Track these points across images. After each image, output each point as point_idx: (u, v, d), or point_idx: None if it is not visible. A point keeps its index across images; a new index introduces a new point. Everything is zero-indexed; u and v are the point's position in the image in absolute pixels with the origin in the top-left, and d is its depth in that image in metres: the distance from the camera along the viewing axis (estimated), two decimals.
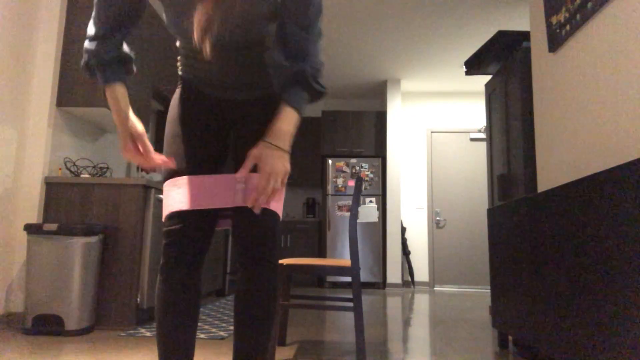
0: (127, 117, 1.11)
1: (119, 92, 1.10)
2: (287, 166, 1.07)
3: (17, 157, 2.79)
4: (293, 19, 1.09)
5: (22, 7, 2.82)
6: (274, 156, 1.05)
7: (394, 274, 5.85)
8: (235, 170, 1.19)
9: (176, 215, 1.12)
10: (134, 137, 1.11)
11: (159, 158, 1.12)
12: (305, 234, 6.06)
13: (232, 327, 2.76)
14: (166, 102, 4.20)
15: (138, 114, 3.36)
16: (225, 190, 1.13)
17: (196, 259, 1.14)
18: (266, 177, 1.03)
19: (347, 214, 5.98)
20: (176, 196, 1.13)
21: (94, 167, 3.07)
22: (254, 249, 1.13)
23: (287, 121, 1.10)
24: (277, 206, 1.17)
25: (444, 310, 3.94)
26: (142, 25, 3.45)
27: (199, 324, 2.89)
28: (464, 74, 4.60)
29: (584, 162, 2.13)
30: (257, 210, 1.04)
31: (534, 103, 2.70)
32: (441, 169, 6.48)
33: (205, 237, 1.15)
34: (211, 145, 1.21)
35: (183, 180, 1.14)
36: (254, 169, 1.14)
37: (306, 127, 6.53)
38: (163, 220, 1.16)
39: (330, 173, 6.08)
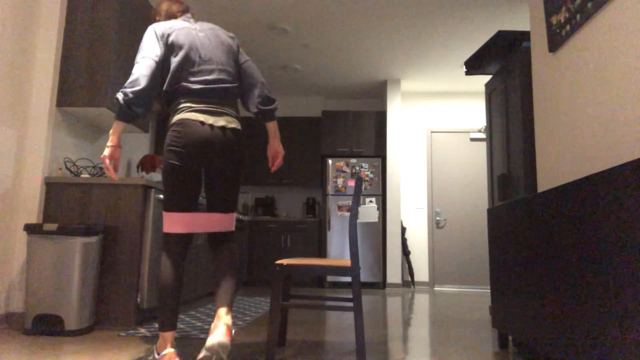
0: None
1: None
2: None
3: (17, 157, 2.79)
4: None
5: (22, 7, 2.82)
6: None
7: (394, 274, 5.85)
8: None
9: None
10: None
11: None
12: (305, 234, 6.06)
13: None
14: None
15: None
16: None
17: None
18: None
19: (347, 214, 5.98)
20: None
21: (94, 167, 3.07)
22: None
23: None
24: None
25: (444, 310, 3.94)
26: (142, 25, 3.45)
27: (199, 324, 2.89)
28: (464, 74, 4.60)
29: (584, 162, 2.13)
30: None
31: (534, 103, 2.70)
32: (441, 169, 6.48)
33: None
34: None
35: None
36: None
37: (306, 127, 6.53)
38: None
39: (330, 173, 6.08)
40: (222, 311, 1.79)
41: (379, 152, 6.26)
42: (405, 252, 6.14)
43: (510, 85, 3.22)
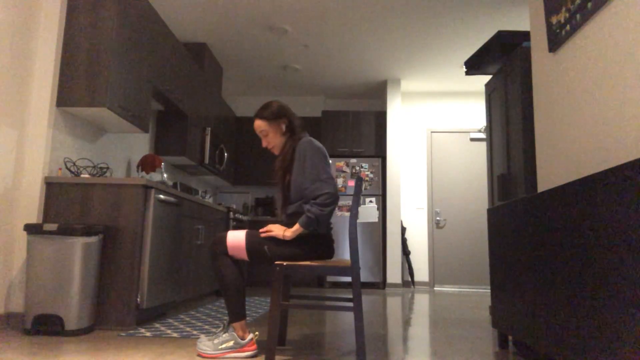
0: None
1: None
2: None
3: (17, 157, 2.79)
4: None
5: (22, 7, 2.82)
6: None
7: (394, 274, 5.85)
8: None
9: None
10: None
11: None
12: None
13: None
14: (166, 102, 4.20)
15: (138, 114, 3.37)
16: None
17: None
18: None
19: (347, 214, 5.98)
20: None
21: (94, 167, 3.07)
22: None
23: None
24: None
25: (444, 310, 3.94)
26: (142, 25, 3.45)
27: (199, 324, 2.89)
28: (464, 74, 4.60)
29: (584, 162, 2.13)
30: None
31: (534, 103, 2.70)
32: (441, 169, 6.48)
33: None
34: None
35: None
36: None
37: (306, 127, 6.53)
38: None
39: None
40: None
41: (379, 152, 6.25)
42: (405, 252, 6.14)
43: (510, 85, 3.22)
